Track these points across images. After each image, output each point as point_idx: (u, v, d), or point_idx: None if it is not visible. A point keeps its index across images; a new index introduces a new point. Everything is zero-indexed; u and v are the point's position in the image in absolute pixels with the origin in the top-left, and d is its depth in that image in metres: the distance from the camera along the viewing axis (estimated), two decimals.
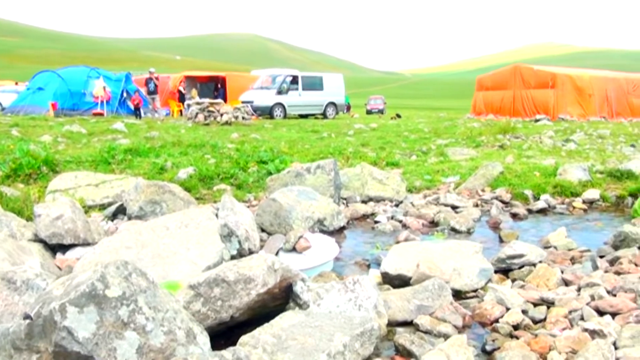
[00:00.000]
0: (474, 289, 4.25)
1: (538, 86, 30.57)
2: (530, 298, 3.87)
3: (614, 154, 12.32)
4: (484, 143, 14.36)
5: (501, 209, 7.38)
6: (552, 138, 16.09)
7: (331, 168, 7.36)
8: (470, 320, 3.72)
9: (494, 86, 33.64)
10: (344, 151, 12.05)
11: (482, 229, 6.64)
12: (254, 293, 3.24)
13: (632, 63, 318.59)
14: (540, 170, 9.15)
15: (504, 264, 4.75)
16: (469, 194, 8.09)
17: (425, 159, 11.64)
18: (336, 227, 6.39)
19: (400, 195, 7.86)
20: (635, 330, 3.19)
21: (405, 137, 16.27)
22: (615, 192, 8.14)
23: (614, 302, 3.58)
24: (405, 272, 4.36)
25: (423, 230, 6.48)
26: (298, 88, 30.86)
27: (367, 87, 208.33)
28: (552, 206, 7.66)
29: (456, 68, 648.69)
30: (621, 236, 5.32)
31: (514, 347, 3.13)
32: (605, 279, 4.13)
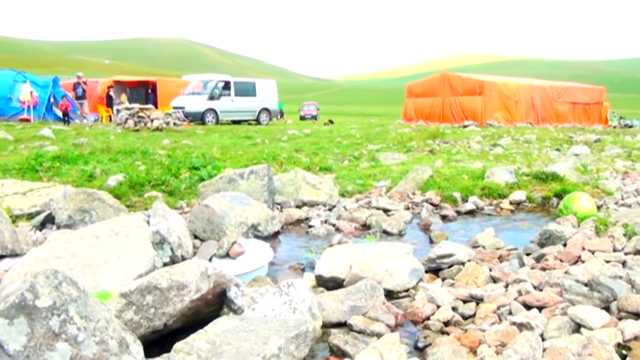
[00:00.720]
0: (405, 289, 4.36)
1: (466, 93, 31.52)
2: (460, 295, 4.02)
3: (539, 158, 12.83)
4: (414, 148, 14.68)
5: (431, 211, 7.58)
6: (480, 143, 16.60)
7: (265, 173, 7.36)
8: (403, 319, 3.82)
9: (424, 93, 34.46)
10: (277, 157, 12.07)
11: (413, 231, 6.81)
12: (187, 299, 3.22)
13: (558, 72, 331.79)
14: (468, 173, 9.45)
15: (434, 264, 4.91)
16: (400, 197, 8.26)
17: (358, 163, 11.80)
18: (270, 232, 6.39)
19: (333, 199, 7.96)
20: (561, 321, 3.36)
21: (337, 143, 16.44)
22: (541, 193, 8.50)
23: (540, 296, 3.76)
24: (339, 274, 4.42)
25: (356, 234, 6.58)
26: (230, 94, 30.58)
27: (300, 93, 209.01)
28: (480, 208, 7.94)
29: (387, 75, 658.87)
30: (546, 234, 5.59)
31: (445, 343, 3.23)
32: (531, 275, 4.34)
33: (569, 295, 3.68)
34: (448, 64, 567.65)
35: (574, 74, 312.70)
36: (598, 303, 3.58)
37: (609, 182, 9.17)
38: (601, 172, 10.27)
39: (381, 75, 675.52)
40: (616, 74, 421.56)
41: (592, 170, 10.41)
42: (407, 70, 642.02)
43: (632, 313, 3.43)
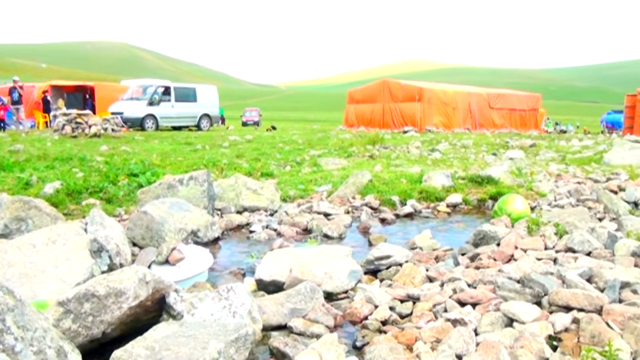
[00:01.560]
0: (345, 290, 4.44)
1: (405, 100, 32.03)
2: (397, 295, 4.11)
3: (476, 162, 13.17)
4: (355, 153, 14.84)
5: (370, 215, 7.71)
6: (419, 148, 16.93)
7: (204, 179, 7.32)
8: (342, 320, 3.88)
9: (364, 99, 34.86)
10: (218, 163, 12.00)
11: (353, 234, 6.90)
12: (126, 306, 3.18)
13: (495, 79, 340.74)
14: (406, 177, 9.64)
15: (373, 265, 5.02)
16: (340, 202, 8.36)
17: (299, 169, 11.85)
18: (210, 238, 6.36)
19: (274, 204, 7.98)
20: (494, 317, 3.48)
21: (280, 149, 16.46)
22: (477, 196, 8.76)
23: (474, 293, 3.88)
24: (279, 277, 4.45)
25: (297, 238, 6.62)
26: (170, 99, 30.13)
27: (242, 99, 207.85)
28: (418, 210, 8.12)
29: (330, 81, 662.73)
30: (480, 234, 5.79)
31: (382, 341, 3.30)
32: (466, 273, 4.49)
33: (502, 291, 3.81)
34: (389, 71, 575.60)
35: (511, 81, 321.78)
36: (530, 298, 3.72)
37: (543, 185, 9.51)
38: (535, 175, 10.64)
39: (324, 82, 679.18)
40: (552, 82, 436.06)
41: (526, 173, 10.77)
42: (349, 77, 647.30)
43: (562, 306, 3.57)
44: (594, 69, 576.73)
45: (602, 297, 3.57)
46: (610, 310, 3.38)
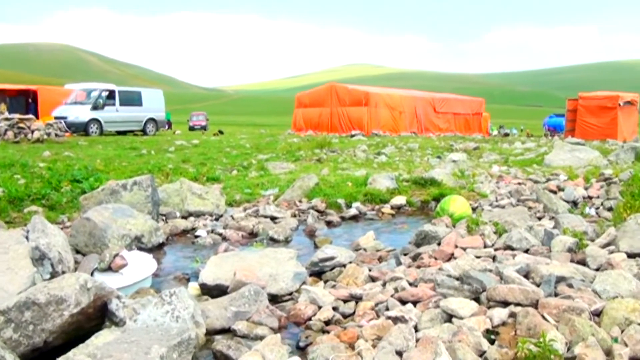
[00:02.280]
0: (289, 292, 4.48)
1: (353, 104, 32.26)
2: (340, 295, 4.18)
3: (421, 165, 13.39)
4: (303, 157, 14.91)
5: (317, 218, 7.77)
6: (366, 152, 17.10)
7: (148, 184, 7.23)
8: (286, 321, 3.92)
9: (312, 103, 34.95)
10: (163, 167, 11.86)
11: (300, 237, 6.96)
12: (67, 314, 3.13)
13: (441, 84, 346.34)
14: (352, 180, 9.75)
15: (317, 267, 5.09)
16: (287, 205, 8.39)
17: (246, 173, 11.83)
18: (155, 243, 6.29)
19: (220, 209, 7.95)
20: (434, 313, 3.58)
21: (227, 153, 16.37)
22: (420, 197, 8.93)
23: (415, 291, 3.99)
24: (223, 281, 4.45)
25: (243, 242, 6.63)
26: (115, 103, 29.44)
27: (189, 103, 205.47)
28: (363, 213, 8.24)
29: (278, 85, 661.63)
30: (422, 235, 5.93)
31: (325, 341, 3.35)
32: (407, 272, 4.60)
33: (442, 289, 3.91)
34: (336, 75, 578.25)
35: (456, 86, 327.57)
36: (468, 295, 3.83)
37: (484, 186, 9.76)
38: (477, 176, 10.89)
39: (272, 86, 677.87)
40: (496, 86, 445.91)
41: (468, 175, 11.01)
42: (297, 81, 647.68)
43: (500, 302, 3.69)
44: (537, 74, 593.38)
45: (538, 291, 3.71)
46: (545, 303, 3.52)
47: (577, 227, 5.83)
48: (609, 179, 9.59)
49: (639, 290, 3.84)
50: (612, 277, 4.04)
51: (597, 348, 2.99)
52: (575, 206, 8.56)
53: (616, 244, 5.26)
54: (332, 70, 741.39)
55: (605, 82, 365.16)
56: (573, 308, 3.43)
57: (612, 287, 3.92)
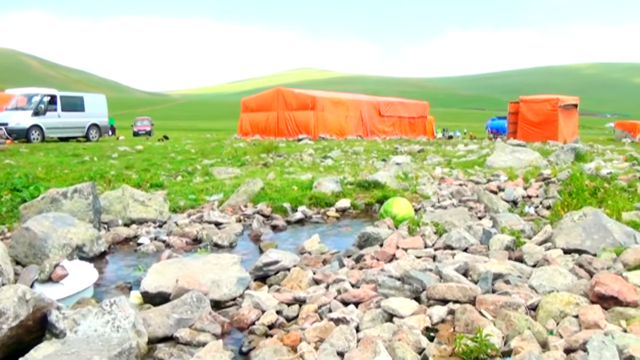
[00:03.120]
0: (233, 298, 4.47)
1: (299, 108, 32.28)
2: (284, 299, 4.20)
3: (366, 168, 13.52)
4: (249, 162, 14.86)
5: (262, 222, 7.78)
6: (312, 155, 17.17)
7: (90, 192, 7.09)
8: (229, 327, 3.92)
9: (259, 108, 34.81)
10: (105, 174, 11.65)
11: (245, 242, 6.95)
12: (6, 327, 3.06)
13: (386, 88, 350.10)
14: (298, 184, 9.79)
15: (262, 272, 5.10)
16: (232, 211, 8.36)
17: (191, 179, 11.72)
18: (97, 252, 6.19)
19: (163, 215, 7.86)
20: (375, 313, 3.66)
21: (171, 159, 16.18)
22: (364, 200, 9.04)
23: (357, 293, 4.05)
24: (166, 289, 4.40)
25: (186, 248, 6.57)
26: (57, 109, 28.67)
27: (133, 108, 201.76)
28: (308, 216, 8.30)
29: (224, 89, 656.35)
30: (365, 237, 6.02)
31: (268, 345, 3.37)
32: (350, 274, 4.67)
33: (383, 289, 3.98)
34: (283, 80, 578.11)
35: (400, 90, 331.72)
36: (409, 294, 3.92)
37: (427, 187, 9.95)
38: (419, 178, 11.09)
39: (218, 90, 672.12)
40: (440, 90, 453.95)
41: (411, 177, 11.19)
42: (243, 85, 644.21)
43: (439, 300, 3.80)
44: (479, 78, 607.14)
45: (476, 288, 3.82)
46: (482, 300, 3.63)
47: (515, 225, 6.02)
48: (547, 178, 9.89)
49: (574, 285, 4.00)
50: (548, 273, 4.20)
51: (532, 341, 3.11)
52: (515, 205, 8.80)
53: (553, 241, 5.45)
54: (279, 75, 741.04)
55: (546, 86, 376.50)
56: (510, 303, 3.55)
57: (548, 282, 4.07)
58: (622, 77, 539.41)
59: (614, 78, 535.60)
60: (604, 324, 3.31)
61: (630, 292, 3.67)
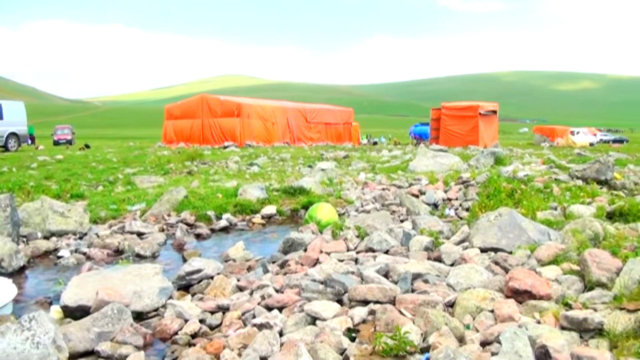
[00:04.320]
0: (155, 308, 4.42)
1: (225, 115, 32.02)
2: (207, 307, 4.20)
3: (292, 174, 13.58)
4: (173, 170, 14.65)
5: (186, 231, 7.71)
6: (238, 163, 17.09)
7: (7, 204, 6.83)
8: (152, 338, 3.87)
9: (183, 115, 34.30)
10: (24, 185, 11.22)
11: (168, 252, 6.88)
12: None
13: (312, 95, 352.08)
14: (222, 192, 9.73)
15: (185, 281, 5.07)
16: (155, 220, 8.24)
17: (112, 188, 11.45)
18: (16, 267, 5.97)
19: (84, 227, 7.66)
20: (299, 317, 3.73)
21: (93, 168, 15.73)
22: (290, 206, 9.11)
23: (280, 298, 4.10)
24: (86, 302, 4.31)
25: (108, 260, 6.44)
26: None
27: (53, 116, 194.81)
28: (233, 224, 8.29)
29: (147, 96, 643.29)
30: (289, 242, 6.09)
31: (191, 354, 3.36)
32: (274, 280, 4.73)
33: (306, 293, 4.06)
34: (208, 86, 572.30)
35: (326, 97, 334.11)
36: (331, 297, 4.01)
37: (351, 192, 10.11)
38: (344, 184, 11.25)
39: (141, 97, 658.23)
40: (365, 97, 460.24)
41: (336, 182, 11.34)
42: (167, 92, 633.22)
43: (360, 301, 3.91)
44: (403, 86, 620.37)
45: (395, 288, 3.95)
46: (402, 299, 3.76)
47: (434, 227, 6.23)
48: (466, 181, 10.23)
49: (490, 281, 4.20)
50: (464, 271, 4.39)
51: (450, 336, 3.24)
52: (436, 208, 9.08)
53: (470, 241, 5.68)
54: (204, 81, 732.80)
55: (467, 93, 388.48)
56: (428, 301, 3.69)
57: (464, 279, 4.26)
58: (541, 85, 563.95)
59: (533, 85, 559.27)
60: (518, 317, 3.50)
61: (543, 286, 3.88)
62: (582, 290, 4.04)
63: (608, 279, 4.03)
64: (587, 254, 4.32)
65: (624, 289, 3.78)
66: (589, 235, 5.60)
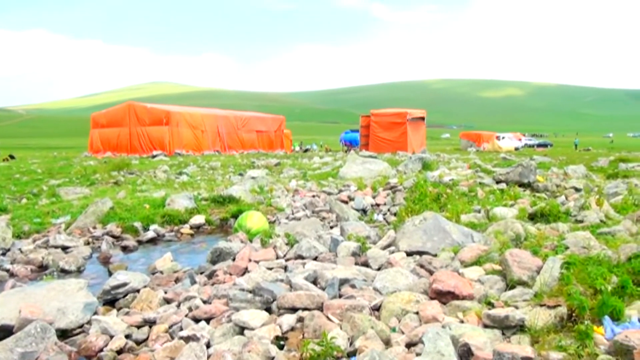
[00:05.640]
0: (80, 325, 4.28)
1: (153, 123, 31.39)
2: (133, 322, 4.12)
3: (222, 183, 13.46)
4: (99, 181, 14.28)
5: (112, 244, 7.54)
6: (167, 172, 16.83)
7: None
8: (77, 356, 3.76)
9: (110, 124, 33.42)
10: None
11: (94, 266, 6.70)
12: None
13: (243, 102, 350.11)
14: (150, 202, 9.55)
15: (110, 295, 4.95)
16: (80, 233, 8.02)
17: (36, 201, 11.05)
18: None
19: (6, 242, 7.35)
20: (226, 328, 3.72)
21: (16, 180, 15.14)
22: (219, 215, 9.03)
23: (208, 309, 4.08)
24: (8, 321, 4.13)
25: (32, 276, 6.22)
26: None
27: None
28: (161, 235, 8.15)
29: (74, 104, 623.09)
30: (217, 252, 6.06)
31: None
32: (202, 291, 4.69)
33: (234, 303, 4.04)
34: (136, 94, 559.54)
35: (258, 104, 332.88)
36: (260, 305, 4.01)
37: (281, 200, 10.13)
38: (274, 191, 11.24)
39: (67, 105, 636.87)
40: (296, 104, 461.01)
41: (267, 190, 11.32)
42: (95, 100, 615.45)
43: (289, 308, 3.95)
44: (334, 93, 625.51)
45: (323, 294, 4.01)
46: (329, 305, 3.82)
47: (361, 232, 6.33)
48: (394, 187, 10.43)
49: (415, 284, 4.31)
50: (390, 275, 4.49)
51: (376, 339, 3.32)
52: (365, 214, 9.21)
53: (396, 245, 5.81)
54: (133, 88, 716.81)
55: (396, 100, 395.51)
56: (355, 306, 3.76)
57: (391, 283, 4.35)
58: (467, 92, 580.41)
59: (460, 92, 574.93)
60: (442, 317, 3.61)
61: (466, 286, 4.01)
62: (504, 289, 4.21)
63: (529, 277, 4.21)
64: (508, 254, 4.50)
65: (544, 286, 3.95)
66: (511, 236, 5.83)
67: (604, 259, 4.40)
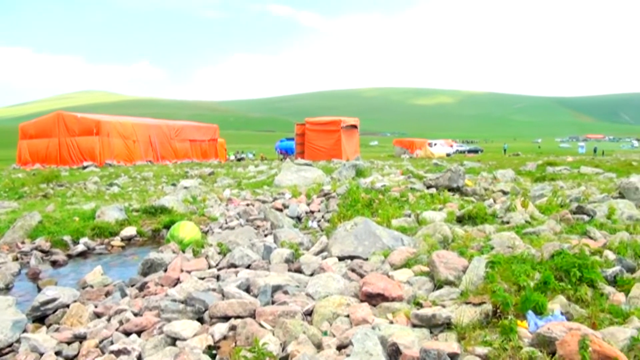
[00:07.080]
0: (9, 344, 4.17)
1: (83, 133, 30.59)
2: (63, 338, 4.04)
3: (155, 193, 13.29)
4: (27, 194, 13.85)
5: (41, 259, 7.35)
6: (97, 183, 16.46)
7: None
8: None
9: (38, 134, 32.36)
10: None
11: (22, 282, 6.52)
12: None
13: (176, 111, 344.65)
14: (79, 215, 9.34)
15: (39, 311, 4.84)
16: (8, 249, 7.78)
17: None
18: None
19: None
20: (158, 339, 3.71)
21: None
22: (151, 226, 8.93)
23: (139, 321, 4.06)
24: None
25: None
26: None
27: None
28: (91, 248, 8.00)
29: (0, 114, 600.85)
30: (148, 263, 6.02)
31: None
32: (132, 303, 4.66)
33: (166, 314, 4.05)
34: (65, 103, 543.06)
35: (191, 113, 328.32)
36: (192, 315, 4.03)
37: (214, 209, 10.10)
38: (207, 201, 11.19)
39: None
40: (230, 113, 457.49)
41: (200, 200, 11.26)
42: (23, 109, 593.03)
43: (221, 317, 3.98)
44: (268, 102, 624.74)
45: (255, 302, 4.06)
46: (262, 312, 3.88)
47: (294, 239, 6.41)
48: (328, 194, 10.57)
49: (346, 288, 4.42)
50: (322, 280, 4.59)
51: (308, 343, 3.39)
52: (300, 221, 9.30)
53: (329, 250, 5.93)
54: (62, 97, 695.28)
55: (330, 108, 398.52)
56: (287, 312, 3.83)
57: (323, 288, 4.45)
58: (400, 100, 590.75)
59: (392, 100, 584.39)
60: (372, 319, 3.72)
61: (395, 288, 4.15)
62: (432, 290, 4.37)
63: (455, 277, 4.38)
64: (435, 255, 4.67)
65: (470, 285, 4.13)
66: (439, 238, 6.04)
67: (528, 257, 4.63)
